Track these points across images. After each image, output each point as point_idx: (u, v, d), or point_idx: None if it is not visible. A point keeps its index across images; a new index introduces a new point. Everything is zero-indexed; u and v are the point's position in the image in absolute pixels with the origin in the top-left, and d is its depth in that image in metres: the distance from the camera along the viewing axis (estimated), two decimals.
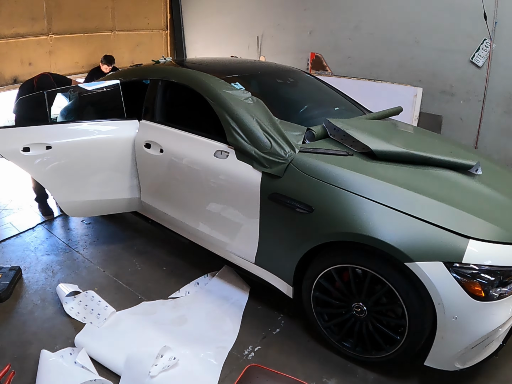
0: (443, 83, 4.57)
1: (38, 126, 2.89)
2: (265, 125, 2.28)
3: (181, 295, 2.67)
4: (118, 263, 3.04)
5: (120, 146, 2.90)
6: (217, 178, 2.42)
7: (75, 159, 2.84)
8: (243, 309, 2.51)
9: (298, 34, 5.59)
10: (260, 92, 2.91)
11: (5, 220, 3.71)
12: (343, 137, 2.32)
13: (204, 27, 6.66)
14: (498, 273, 1.71)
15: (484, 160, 2.42)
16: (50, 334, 2.33)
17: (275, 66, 3.38)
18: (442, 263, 1.69)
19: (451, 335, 1.76)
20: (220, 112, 2.40)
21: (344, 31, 5.15)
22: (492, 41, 4.13)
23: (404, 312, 1.86)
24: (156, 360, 2.02)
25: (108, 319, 2.40)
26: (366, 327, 2.03)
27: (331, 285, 2.09)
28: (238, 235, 2.43)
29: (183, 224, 2.78)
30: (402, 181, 1.97)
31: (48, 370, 2.00)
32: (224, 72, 2.82)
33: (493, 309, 1.72)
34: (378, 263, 1.88)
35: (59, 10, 5.22)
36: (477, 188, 2.08)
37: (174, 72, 2.91)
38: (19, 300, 2.63)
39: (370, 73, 5.06)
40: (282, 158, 2.15)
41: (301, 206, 2.04)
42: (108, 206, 3.08)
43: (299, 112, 2.89)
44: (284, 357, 2.20)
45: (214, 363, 2.12)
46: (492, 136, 4.42)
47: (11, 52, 4.90)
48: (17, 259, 3.09)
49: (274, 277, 2.32)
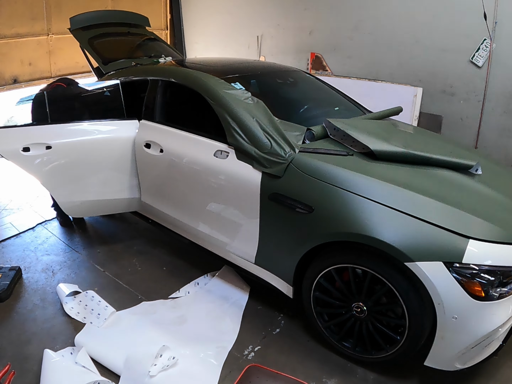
0: (443, 83, 4.57)
1: (38, 126, 2.89)
2: (265, 125, 2.28)
3: (181, 295, 2.67)
4: (118, 263, 3.04)
5: (120, 146, 2.90)
6: (217, 178, 2.42)
7: (75, 159, 2.85)
8: (243, 309, 2.51)
9: (298, 34, 5.59)
10: (260, 92, 2.91)
11: (5, 220, 3.70)
12: (343, 137, 2.32)
13: (204, 27, 6.66)
14: (498, 273, 1.71)
15: (484, 160, 2.42)
16: (50, 334, 2.33)
17: (275, 66, 3.38)
18: (442, 263, 1.70)
19: (451, 335, 1.76)
20: (220, 112, 2.40)
21: (344, 31, 5.15)
22: (492, 41, 4.13)
23: (404, 312, 1.86)
24: (155, 359, 2.02)
25: (108, 319, 2.40)
26: (366, 327, 2.03)
27: (331, 285, 2.09)
28: (238, 235, 2.43)
29: (183, 224, 2.78)
30: (402, 181, 1.97)
31: (51, 370, 2.00)
32: (224, 72, 2.82)
33: (493, 309, 1.72)
34: (378, 263, 1.88)
35: (59, 10, 5.23)
36: (477, 188, 2.09)
37: (174, 72, 2.91)
38: (19, 300, 2.63)
39: (370, 73, 5.06)
40: (282, 158, 2.15)
41: (301, 206, 2.04)
42: (108, 206, 3.08)
43: (299, 112, 2.89)
44: (284, 357, 2.20)
45: (214, 363, 2.12)
46: (492, 136, 4.42)
47: (11, 52, 4.89)
48: (17, 259, 3.09)
49: (274, 277, 2.32)
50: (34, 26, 5.08)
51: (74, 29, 3.49)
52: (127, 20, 3.87)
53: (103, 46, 3.59)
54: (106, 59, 3.50)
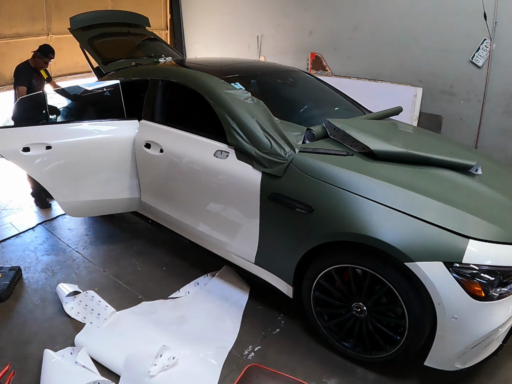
0: (443, 83, 4.57)
1: (38, 126, 2.89)
2: (265, 125, 2.28)
3: (181, 295, 2.67)
4: (118, 263, 3.04)
5: (120, 146, 2.90)
6: (217, 178, 2.42)
7: (75, 159, 2.84)
8: (243, 309, 2.51)
9: (298, 34, 5.60)
10: (260, 92, 2.91)
11: (5, 220, 3.71)
12: (343, 137, 2.32)
13: (204, 27, 6.66)
14: (498, 273, 1.71)
15: (484, 160, 2.42)
16: (50, 334, 2.34)
17: (275, 66, 3.38)
18: (442, 263, 1.70)
19: (451, 335, 1.76)
20: (220, 112, 2.40)
21: (344, 31, 5.15)
22: (492, 41, 4.13)
23: (404, 312, 1.86)
24: (155, 359, 2.02)
25: (108, 319, 2.40)
26: (366, 327, 2.03)
27: (331, 285, 2.09)
28: (238, 235, 2.43)
29: (183, 224, 2.78)
30: (402, 181, 1.97)
31: (51, 370, 2.00)
32: (224, 72, 2.82)
33: (493, 309, 1.72)
34: (378, 263, 1.88)
35: (59, 10, 5.23)
36: (477, 188, 2.08)
37: (174, 72, 2.91)
38: (19, 300, 2.63)
39: (370, 73, 5.06)
40: (282, 158, 2.15)
41: (301, 206, 2.04)
42: (108, 206, 3.08)
43: (299, 112, 2.89)
44: (284, 357, 2.20)
45: (214, 363, 2.12)
46: (492, 136, 4.42)
47: (11, 52, 4.89)
48: (17, 259, 3.09)
49: (274, 277, 2.32)
50: (34, 26, 5.08)
51: (74, 29, 3.49)
52: (127, 20, 3.88)
53: (103, 46, 3.59)
54: (106, 59, 3.50)
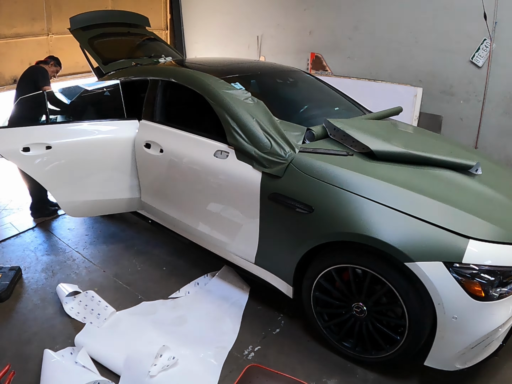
0: (443, 83, 4.57)
1: (38, 126, 2.89)
2: (265, 125, 2.28)
3: (181, 295, 2.67)
4: (118, 263, 3.04)
5: (120, 146, 2.90)
6: (217, 178, 2.42)
7: (75, 159, 2.85)
8: (243, 309, 2.51)
9: (298, 34, 5.59)
10: (260, 92, 2.91)
11: (5, 220, 3.71)
12: (343, 137, 2.32)
13: (204, 27, 6.66)
14: (498, 273, 1.71)
15: (484, 160, 2.42)
16: (50, 334, 2.34)
17: (275, 66, 3.37)
18: (442, 263, 1.70)
19: (451, 335, 1.76)
20: (220, 112, 2.40)
21: (344, 31, 5.15)
22: (492, 41, 4.13)
23: (404, 312, 1.86)
24: (155, 359, 2.02)
25: (108, 319, 2.40)
26: (366, 327, 2.03)
27: (331, 285, 2.09)
28: (238, 235, 2.43)
29: (183, 224, 2.78)
30: (402, 181, 1.97)
31: (51, 370, 2.00)
32: (224, 72, 2.82)
33: (493, 309, 1.72)
34: (378, 263, 1.88)
35: (59, 10, 5.23)
36: (477, 188, 2.08)
37: (174, 72, 2.91)
38: (19, 300, 2.63)
39: (370, 73, 5.06)
40: (282, 158, 2.15)
41: (301, 206, 2.04)
42: (108, 206, 3.08)
43: (299, 112, 2.89)
44: (284, 357, 2.20)
45: (214, 363, 2.12)
46: (492, 136, 4.42)
47: (11, 52, 4.90)
48: (17, 259, 3.09)
49: (274, 277, 2.32)
50: (34, 26, 5.08)
51: (74, 29, 3.50)
52: (127, 20, 3.88)
53: (103, 46, 3.60)
54: (106, 59, 3.51)
